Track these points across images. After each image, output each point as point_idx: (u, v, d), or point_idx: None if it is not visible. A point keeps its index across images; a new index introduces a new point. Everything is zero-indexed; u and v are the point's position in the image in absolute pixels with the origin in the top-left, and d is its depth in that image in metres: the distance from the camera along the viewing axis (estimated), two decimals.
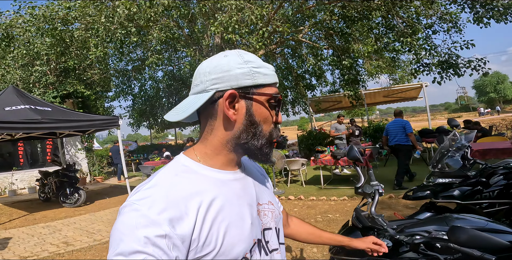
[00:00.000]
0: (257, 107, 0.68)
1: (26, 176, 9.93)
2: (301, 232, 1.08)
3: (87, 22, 7.75)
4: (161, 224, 0.55)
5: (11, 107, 5.92)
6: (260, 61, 0.70)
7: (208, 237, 0.59)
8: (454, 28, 7.38)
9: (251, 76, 0.66)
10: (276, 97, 0.69)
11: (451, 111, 60.87)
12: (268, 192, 0.82)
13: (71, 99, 10.93)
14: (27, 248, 4.19)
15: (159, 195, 0.59)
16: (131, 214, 0.56)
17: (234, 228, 0.63)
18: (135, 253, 0.52)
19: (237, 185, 0.70)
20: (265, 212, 0.76)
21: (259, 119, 0.68)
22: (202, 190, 0.63)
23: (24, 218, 6.20)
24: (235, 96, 0.66)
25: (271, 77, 0.70)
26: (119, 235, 0.55)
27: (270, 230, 0.76)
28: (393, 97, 13.76)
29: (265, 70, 0.69)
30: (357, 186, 1.59)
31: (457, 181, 2.53)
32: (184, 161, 0.69)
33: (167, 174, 0.65)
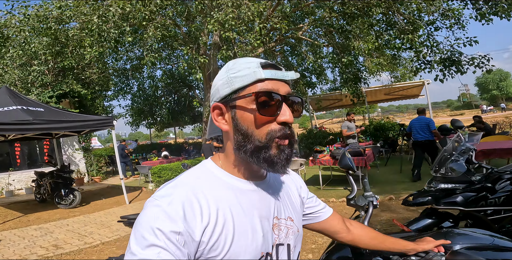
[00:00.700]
0: (240, 113, 0.66)
1: (23, 176, 9.86)
2: (363, 237, 1.02)
3: (82, 21, 7.60)
4: (177, 220, 0.58)
5: (3, 108, 5.84)
6: (245, 64, 0.67)
7: (216, 242, 0.61)
8: (457, 25, 7.19)
9: (229, 84, 0.66)
10: (260, 92, 0.63)
11: (453, 109, 60.51)
12: (292, 207, 0.81)
13: (68, 99, 10.81)
14: (16, 251, 4.10)
15: (179, 194, 0.62)
16: (152, 209, 0.60)
17: (243, 238, 0.64)
18: (151, 246, 0.56)
19: (255, 196, 0.71)
20: (281, 227, 0.75)
21: (246, 125, 0.65)
22: (220, 196, 0.66)
23: (18, 220, 6.11)
24: (218, 108, 0.69)
25: (250, 76, 0.64)
26: (140, 228, 0.58)
27: (282, 246, 0.74)
28: (395, 95, 13.58)
29: (245, 72, 0.65)
30: (349, 197, 1.45)
31: (461, 187, 2.38)
32: (210, 165, 0.73)
33: (191, 175, 0.69)
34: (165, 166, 8.46)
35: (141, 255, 0.55)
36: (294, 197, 0.85)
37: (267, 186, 0.75)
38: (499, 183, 2.38)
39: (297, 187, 0.89)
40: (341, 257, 1.36)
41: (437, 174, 2.45)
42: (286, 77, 0.67)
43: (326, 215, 0.97)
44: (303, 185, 0.93)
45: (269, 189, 0.75)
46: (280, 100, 0.65)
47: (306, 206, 0.93)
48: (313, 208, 0.95)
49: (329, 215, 0.98)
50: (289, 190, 0.84)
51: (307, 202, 0.93)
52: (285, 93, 0.66)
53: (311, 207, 0.95)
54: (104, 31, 6.96)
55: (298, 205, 0.85)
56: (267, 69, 0.65)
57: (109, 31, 6.91)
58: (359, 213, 1.44)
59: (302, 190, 0.91)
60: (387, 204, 4.90)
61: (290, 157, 0.67)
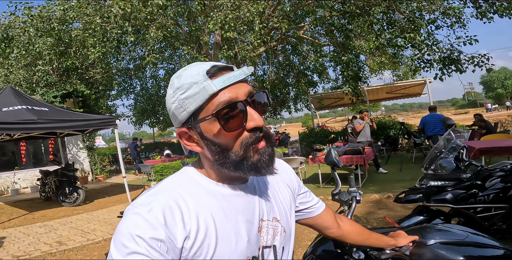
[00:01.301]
0: (207, 130, 0.63)
1: (29, 175, 10.01)
2: (352, 233, 1.04)
3: (85, 22, 7.71)
4: (158, 228, 0.57)
5: (8, 108, 5.94)
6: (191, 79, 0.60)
7: (200, 249, 0.61)
8: (458, 23, 7.17)
9: (183, 108, 0.61)
10: (219, 111, 0.59)
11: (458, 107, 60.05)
12: (278, 207, 0.78)
13: (72, 99, 10.96)
14: (21, 247, 4.21)
15: (159, 201, 0.61)
16: (132, 217, 0.59)
17: (226, 243, 0.63)
18: (133, 254, 0.54)
19: (238, 200, 0.69)
20: (268, 229, 0.73)
21: (218, 143, 0.63)
22: (201, 202, 0.64)
23: (23, 217, 6.23)
24: (183, 133, 0.67)
25: (202, 93, 0.59)
26: (119, 236, 0.57)
27: (269, 248, 0.73)
28: (396, 94, 13.56)
29: (194, 89, 0.59)
30: (334, 192, 1.50)
31: (451, 184, 2.42)
32: (191, 171, 0.71)
33: (172, 182, 0.68)
34: (167, 164, 8.58)
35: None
36: (282, 195, 0.82)
37: (251, 188, 0.73)
38: (490, 180, 2.42)
39: (287, 181, 0.86)
40: (325, 250, 1.43)
41: (428, 171, 2.50)
42: (240, 77, 0.62)
43: (319, 211, 0.97)
44: (294, 178, 0.89)
45: (253, 191, 0.73)
46: (243, 107, 0.61)
47: (299, 202, 0.91)
48: (306, 203, 0.94)
49: (322, 210, 0.97)
50: (276, 188, 0.81)
51: (299, 197, 0.91)
52: (246, 95, 0.62)
53: (304, 203, 0.93)
54: (106, 31, 7.06)
55: (286, 203, 0.82)
56: (217, 77, 0.60)
57: (112, 31, 7.00)
58: (343, 208, 1.49)
59: (293, 184, 0.88)
60: (385, 202, 4.94)
61: (272, 155, 0.65)
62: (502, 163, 2.50)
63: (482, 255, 1.19)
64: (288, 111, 15.14)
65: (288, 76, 13.32)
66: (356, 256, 1.21)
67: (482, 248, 1.20)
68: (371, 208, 4.74)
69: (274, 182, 0.82)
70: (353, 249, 1.25)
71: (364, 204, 5.02)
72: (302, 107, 14.83)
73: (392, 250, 1.10)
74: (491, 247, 1.22)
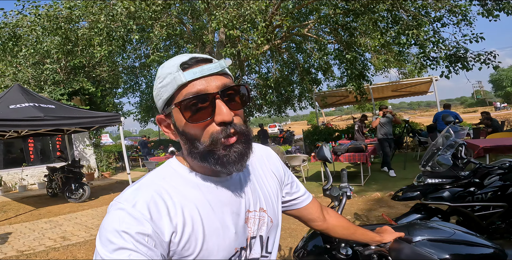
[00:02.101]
0: (177, 120, 0.64)
1: (36, 171, 10.19)
2: (337, 227, 1.03)
3: (91, 20, 7.80)
4: (143, 222, 0.56)
5: (16, 105, 6.04)
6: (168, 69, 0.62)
7: (187, 243, 0.60)
8: (464, 21, 7.08)
9: (160, 96, 0.64)
10: (183, 101, 0.60)
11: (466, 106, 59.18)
12: (265, 197, 0.77)
13: (78, 97, 11.11)
14: (26, 243, 4.30)
15: (143, 196, 0.60)
16: (116, 212, 0.58)
17: (214, 236, 0.63)
18: (120, 250, 0.53)
19: (224, 192, 0.69)
20: (255, 219, 0.73)
21: (186, 133, 0.64)
22: (187, 195, 0.64)
23: (30, 213, 6.36)
24: (161, 120, 0.69)
25: (172, 83, 0.61)
26: (105, 232, 0.56)
27: (255, 238, 0.73)
28: (402, 92, 13.42)
29: (167, 79, 0.61)
30: (325, 187, 1.51)
31: (448, 182, 2.40)
32: (175, 165, 0.70)
33: (155, 176, 0.67)
34: None
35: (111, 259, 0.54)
36: (269, 184, 0.81)
37: (236, 179, 0.73)
38: (488, 178, 2.40)
39: (274, 170, 0.85)
40: (315, 245, 1.44)
41: (425, 169, 2.48)
42: (214, 70, 0.61)
43: (306, 202, 0.95)
44: (281, 167, 0.88)
45: (238, 182, 0.73)
46: (211, 100, 0.60)
47: (285, 192, 0.90)
48: (292, 194, 0.92)
49: (308, 202, 0.96)
50: (262, 178, 0.80)
51: (286, 188, 0.90)
52: (218, 88, 0.61)
53: (290, 193, 0.92)
54: (111, 30, 7.13)
55: (273, 192, 0.81)
56: (190, 69, 0.60)
57: (116, 30, 7.07)
58: (334, 204, 1.50)
59: (279, 173, 0.86)
60: (387, 200, 4.92)
61: (244, 152, 0.63)
62: (501, 161, 2.46)
63: (470, 253, 1.18)
64: (293, 109, 15.11)
65: (293, 74, 13.28)
66: (344, 252, 1.23)
67: (470, 246, 1.20)
68: (372, 206, 4.73)
69: (261, 171, 0.81)
70: (341, 244, 1.26)
71: (365, 201, 5.01)
72: (306, 105, 14.80)
73: (377, 246, 1.10)
74: (479, 246, 1.21)
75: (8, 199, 8.12)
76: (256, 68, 13.36)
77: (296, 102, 14.82)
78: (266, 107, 14.80)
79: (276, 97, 13.80)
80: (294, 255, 1.50)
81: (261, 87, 12.27)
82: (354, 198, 5.26)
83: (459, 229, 1.30)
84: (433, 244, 1.16)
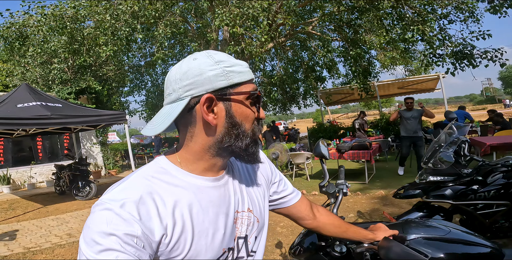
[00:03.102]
0: (236, 107, 0.65)
1: (45, 169, 10.34)
2: (327, 225, 1.03)
3: (96, 20, 7.87)
4: (133, 223, 0.55)
5: (23, 104, 6.14)
6: (233, 59, 0.67)
7: (177, 243, 0.60)
8: (471, 18, 6.98)
9: (225, 76, 0.63)
10: (254, 94, 0.67)
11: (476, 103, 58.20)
12: (250, 198, 0.78)
13: (85, 95, 11.24)
14: (33, 240, 4.38)
15: (132, 196, 0.58)
16: (103, 212, 0.56)
17: (203, 237, 0.63)
18: (107, 251, 0.52)
19: (215, 193, 0.69)
20: (243, 220, 0.74)
21: (240, 120, 0.65)
22: (176, 195, 0.63)
23: (38, 211, 6.46)
24: (212, 100, 0.63)
25: (247, 74, 0.66)
26: (90, 233, 0.54)
27: (242, 238, 0.74)
28: (409, 89, 13.27)
29: (239, 68, 0.65)
30: (321, 184, 1.50)
31: (450, 179, 2.37)
32: (164, 163, 0.68)
33: (144, 175, 0.65)
34: None
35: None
36: (256, 184, 0.82)
37: (226, 180, 0.73)
38: (491, 175, 2.36)
39: (261, 169, 0.87)
40: (310, 242, 1.44)
41: (427, 166, 2.46)
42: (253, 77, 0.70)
43: (294, 201, 0.96)
44: (268, 166, 0.90)
45: (227, 182, 0.73)
46: (259, 100, 0.69)
47: (272, 191, 0.91)
48: (280, 193, 0.93)
49: (296, 200, 0.96)
50: (250, 177, 0.82)
51: (273, 186, 0.91)
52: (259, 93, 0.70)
53: (278, 192, 0.92)
54: (116, 29, 7.18)
55: (260, 192, 0.82)
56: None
57: (121, 29, 7.13)
58: (330, 201, 1.49)
59: (267, 172, 0.88)
60: (391, 198, 4.87)
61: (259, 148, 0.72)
62: (505, 158, 2.42)
63: (465, 252, 1.17)
64: (298, 107, 15.07)
65: (297, 72, 13.22)
66: (338, 249, 1.22)
67: (466, 245, 1.18)
68: (376, 204, 4.70)
69: (249, 170, 0.83)
70: (336, 242, 1.26)
71: (369, 200, 4.98)
72: (311, 102, 14.74)
73: (370, 243, 1.10)
74: (476, 245, 1.19)
75: (17, 197, 8.26)
76: (260, 66, 13.33)
77: (301, 100, 14.77)
78: (271, 105, 14.80)
79: (280, 95, 13.77)
80: (290, 252, 1.50)
81: (266, 85, 12.26)
82: (357, 196, 5.24)
83: (456, 227, 1.28)
84: (427, 242, 1.15)
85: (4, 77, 12.38)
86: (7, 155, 9.99)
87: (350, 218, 4.15)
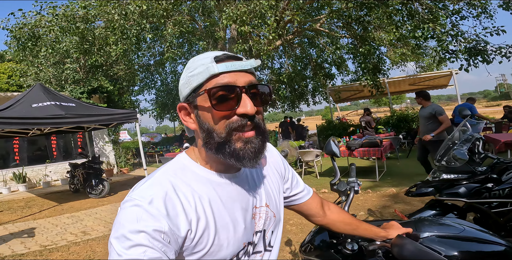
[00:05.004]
0: (201, 111, 0.66)
1: (59, 168, 10.57)
2: (338, 222, 1.04)
3: (106, 20, 7.97)
4: (160, 219, 0.57)
5: (38, 104, 6.27)
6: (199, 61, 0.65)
7: (201, 237, 0.62)
8: (484, 14, 6.81)
9: (188, 84, 0.66)
10: (213, 88, 0.62)
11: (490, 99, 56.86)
12: (267, 193, 0.80)
13: (97, 95, 11.43)
14: (49, 237, 4.49)
15: (159, 192, 0.61)
16: (132, 209, 0.58)
17: (225, 231, 0.66)
18: (136, 246, 0.55)
19: (233, 188, 0.71)
20: (261, 214, 0.76)
21: (207, 122, 0.65)
22: (199, 191, 0.66)
23: (53, 209, 6.60)
24: (184, 108, 0.70)
25: (204, 72, 0.63)
26: (121, 228, 0.57)
27: (260, 233, 0.76)
28: (420, 86, 13.05)
29: (199, 69, 0.64)
30: (332, 182, 1.51)
31: (464, 177, 2.34)
32: (185, 160, 0.71)
33: (167, 172, 0.67)
34: None
35: (126, 255, 0.54)
36: (272, 180, 0.84)
37: (244, 176, 0.75)
38: (506, 173, 2.31)
39: (275, 166, 0.88)
40: (321, 240, 1.45)
41: (440, 164, 2.42)
42: (245, 67, 0.64)
43: (306, 198, 0.97)
44: (281, 162, 0.91)
45: (246, 179, 0.75)
46: (238, 92, 0.62)
47: (286, 187, 0.92)
48: (292, 190, 0.94)
49: (308, 198, 0.98)
50: (266, 174, 0.83)
51: (286, 183, 0.92)
52: (245, 84, 0.64)
53: (291, 189, 0.94)
54: (126, 29, 7.27)
55: (275, 188, 0.84)
56: (223, 63, 0.63)
57: (130, 28, 7.20)
58: (341, 199, 1.49)
59: (281, 169, 0.89)
60: (402, 196, 4.82)
61: (260, 149, 0.65)
62: None
63: (480, 250, 1.16)
64: (307, 104, 15.00)
65: (306, 69, 13.14)
66: (350, 247, 1.22)
67: (480, 243, 1.17)
68: (387, 202, 4.66)
69: (265, 167, 0.84)
70: (347, 240, 1.26)
71: (380, 197, 4.94)
72: (320, 100, 14.65)
73: (383, 241, 1.09)
74: (490, 243, 1.18)
75: (33, 195, 8.47)
76: (268, 63, 13.30)
77: (309, 97, 14.69)
78: (279, 103, 14.77)
79: (289, 93, 13.73)
80: (301, 250, 1.51)
81: (274, 83, 12.24)
82: (368, 193, 5.20)
83: (470, 225, 1.27)
84: (441, 240, 1.15)
85: (18, 77, 12.68)
86: (22, 154, 10.24)
87: (361, 216, 4.13)
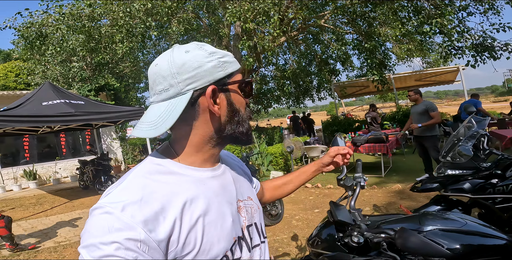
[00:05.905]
0: (234, 96, 0.69)
1: (69, 165, 10.72)
2: (272, 191, 1.09)
3: (112, 18, 8.05)
4: (135, 227, 0.53)
5: (48, 102, 6.37)
6: (220, 50, 0.69)
7: (188, 238, 0.59)
8: (491, 10, 6.76)
9: (222, 67, 0.65)
10: (245, 81, 0.71)
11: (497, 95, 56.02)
12: (247, 186, 0.82)
13: (104, 92, 11.56)
14: (62, 234, 4.61)
15: (133, 197, 0.57)
16: (103, 216, 0.54)
17: (213, 227, 0.63)
18: (107, 257, 0.50)
19: (216, 183, 0.69)
20: (246, 208, 0.75)
21: (238, 107, 0.69)
22: (179, 190, 0.62)
23: (64, 205, 6.72)
24: (215, 91, 0.65)
25: (236, 63, 0.70)
26: (91, 238, 0.53)
27: (251, 226, 0.75)
28: (426, 81, 12.96)
29: (230, 58, 0.68)
30: (339, 177, 1.56)
31: (469, 173, 2.37)
32: (160, 160, 0.67)
33: (141, 173, 0.63)
34: None
35: None
36: (244, 173, 0.86)
37: (223, 170, 0.74)
38: (511, 169, 2.34)
39: (236, 161, 0.91)
40: (328, 233, 1.51)
41: (446, 159, 2.46)
42: None
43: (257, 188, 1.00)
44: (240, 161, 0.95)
45: (225, 173, 0.75)
46: (251, 87, 0.73)
47: None
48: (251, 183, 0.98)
49: (258, 189, 1.01)
50: (238, 169, 0.84)
51: None
52: None
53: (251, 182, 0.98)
54: (131, 26, 7.33)
55: (248, 181, 0.86)
56: None
57: (136, 26, 7.26)
58: (347, 194, 1.54)
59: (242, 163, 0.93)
60: (408, 192, 4.84)
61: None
62: None
63: (481, 244, 1.21)
64: (311, 100, 14.99)
65: (310, 65, 13.12)
66: (356, 240, 1.29)
67: (482, 237, 1.22)
68: (392, 198, 4.70)
69: (235, 163, 0.86)
70: (353, 233, 1.32)
71: (386, 193, 4.98)
72: (325, 95, 14.63)
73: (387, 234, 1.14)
74: (491, 237, 1.23)
75: (43, 192, 8.61)
76: (273, 60, 13.31)
77: (314, 93, 14.68)
78: (284, 98, 14.78)
79: (294, 89, 13.72)
80: (308, 243, 1.57)
81: (279, 79, 12.24)
82: (374, 189, 5.24)
83: (472, 220, 1.32)
84: (444, 234, 1.20)
85: (25, 75, 12.87)
86: (32, 151, 10.39)
87: (366, 212, 4.18)
